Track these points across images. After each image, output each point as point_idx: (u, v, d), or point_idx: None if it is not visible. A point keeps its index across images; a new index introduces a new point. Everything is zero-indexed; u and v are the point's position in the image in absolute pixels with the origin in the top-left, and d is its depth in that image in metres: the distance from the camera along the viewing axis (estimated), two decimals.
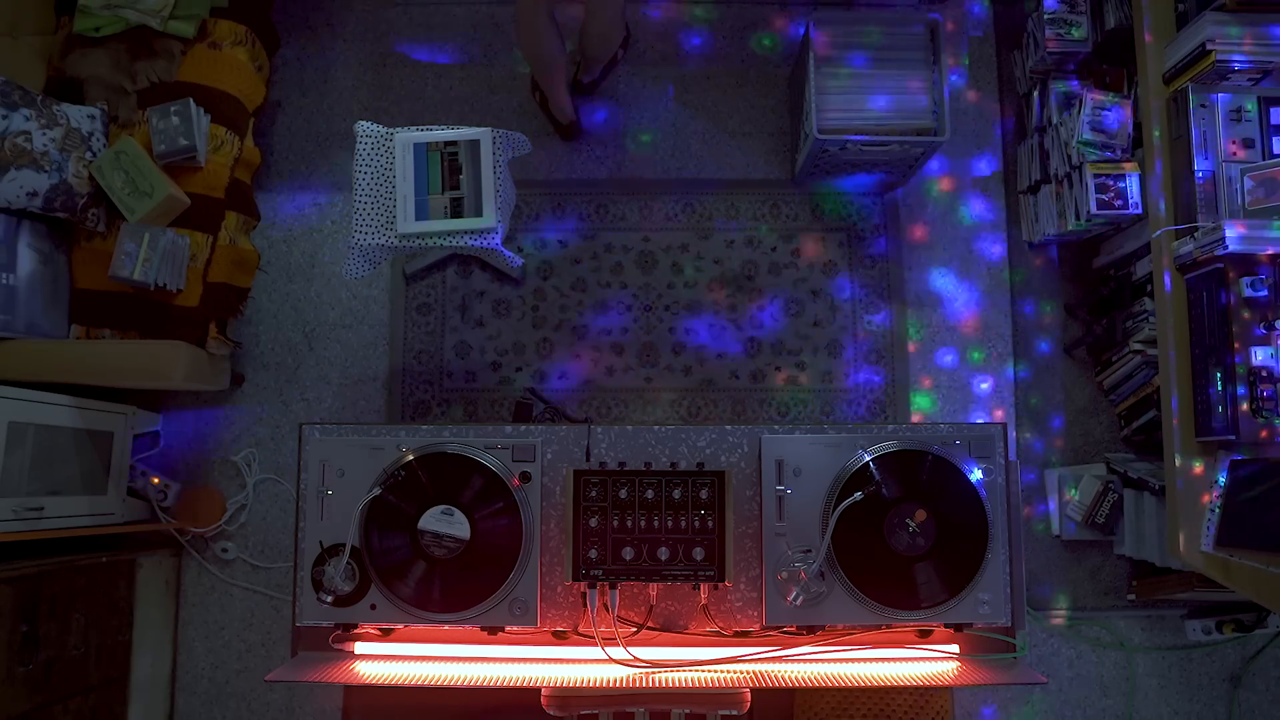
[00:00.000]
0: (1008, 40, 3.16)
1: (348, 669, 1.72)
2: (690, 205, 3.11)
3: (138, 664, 2.67)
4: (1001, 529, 1.75)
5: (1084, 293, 3.04)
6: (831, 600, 1.72)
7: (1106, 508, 2.80)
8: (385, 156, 2.50)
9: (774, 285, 3.06)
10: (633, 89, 3.17)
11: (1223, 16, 2.24)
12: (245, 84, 2.74)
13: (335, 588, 1.71)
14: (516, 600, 1.73)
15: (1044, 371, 3.04)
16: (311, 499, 1.77)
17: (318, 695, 2.87)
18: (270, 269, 3.05)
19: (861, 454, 1.75)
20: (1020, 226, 3.07)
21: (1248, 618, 2.81)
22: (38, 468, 2.36)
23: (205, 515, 2.89)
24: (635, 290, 3.05)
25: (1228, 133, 2.30)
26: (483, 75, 3.17)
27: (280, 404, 2.99)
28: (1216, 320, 2.20)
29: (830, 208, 3.10)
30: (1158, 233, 2.36)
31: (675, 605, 1.80)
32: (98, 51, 2.62)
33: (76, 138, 2.49)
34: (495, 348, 3.02)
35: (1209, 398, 2.20)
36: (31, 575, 2.23)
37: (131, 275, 2.42)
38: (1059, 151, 2.78)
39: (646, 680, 1.68)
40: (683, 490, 1.71)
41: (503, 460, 1.77)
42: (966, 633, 1.79)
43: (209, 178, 2.62)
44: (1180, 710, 2.91)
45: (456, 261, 3.06)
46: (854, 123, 2.77)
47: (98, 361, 2.47)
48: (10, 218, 2.42)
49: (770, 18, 3.21)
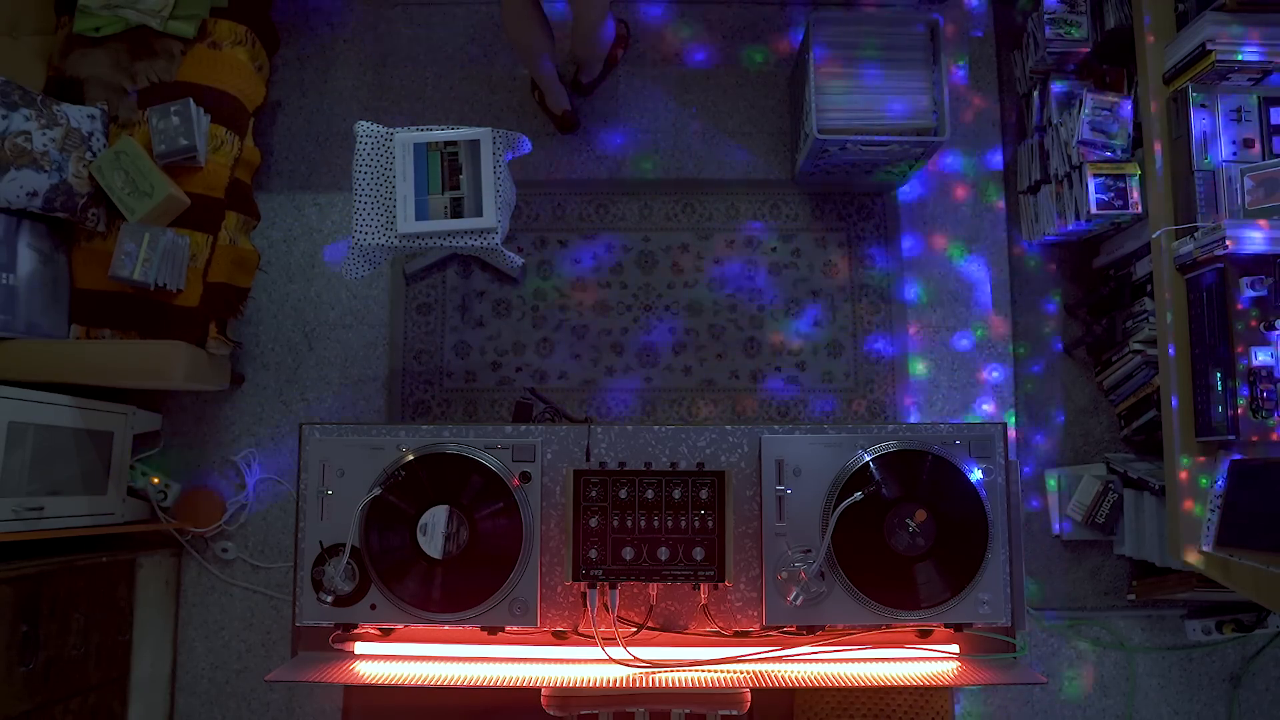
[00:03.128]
0: (1008, 40, 3.16)
1: (348, 669, 1.72)
2: (690, 205, 3.10)
3: (138, 664, 2.67)
4: (1001, 529, 1.75)
5: (1084, 293, 3.04)
6: (831, 600, 1.72)
7: (1106, 508, 2.80)
8: (385, 156, 2.50)
9: (774, 285, 3.06)
10: (633, 89, 3.17)
11: (1223, 16, 2.24)
12: (245, 84, 2.74)
13: (335, 588, 1.71)
14: (516, 600, 1.73)
15: (1044, 371, 3.04)
16: (311, 499, 1.77)
17: (318, 695, 2.87)
18: (270, 269, 3.05)
19: (861, 454, 1.75)
20: (1020, 226, 3.08)
21: (1248, 618, 2.81)
22: (38, 468, 2.36)
23: (205, 515, 2.89)
24: (635, 290, 3.05)
25: (1228, 133, 2.31)
26: (483, 75, 3.17)
27: (280, 404, 2.99)
28: (1216, 320, 2.20)
29: (830, 208, 3.10)
30: (1158, 233, 2.36)
31: (675, 605, 1.80)
32: (98, 51, 2.62)
33: (76, 138, 2.49)
34: (495, 348, 3.02)
35: (1209, 398, 2.20)
36: (31, 575, 2.23)
37: (131, 275, 2.43)
38: (1059, 151, 2.78)
39: (646, 680, 1.68)
40: (683, 490, 1.71)
41: (503, 460, 1.77)
42: (966, 633, 1.79)
43: (209, 178, 2.62)
44: (1180, 710, 2.91)
45: (456, 261, 3.06)
46: (854, 123, 2.77)
47: (98, 361, 2.47)
48: (10, 218, 2.42)
49: (770, 18, 3.21)
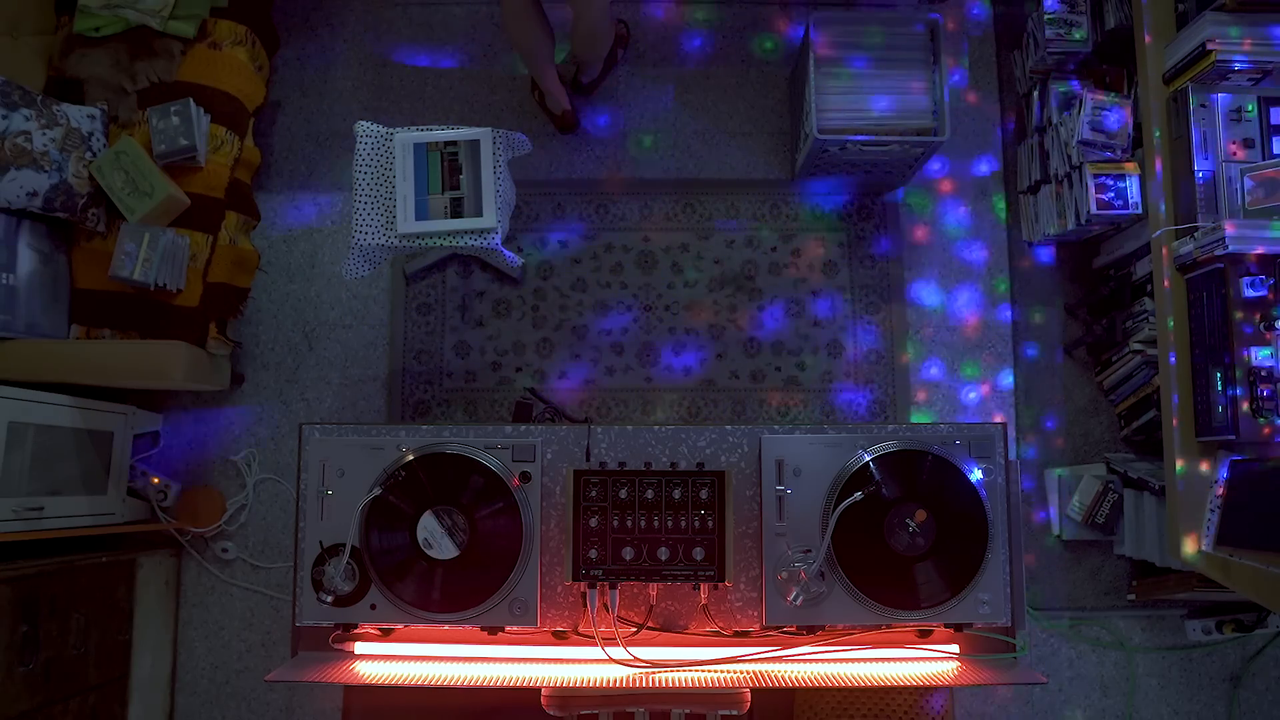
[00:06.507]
0: (1008, 40, 3.16)
1: (348, 669, 1.72)
2: (690, 205, 3.10)
3: (138, 664, 2.67)
4: (1001, 529, 1.75)
5: (1084, 293, 3.04)
6: (831, 600, 1.72)
7: (1106, 508, 2.79)
8: (385, 156, 2.50)
9: (774, 285, 3.06)
10: (633, 89, 3.17)
11: (1223, 16, 2.24)
12: (245, 84, 2.74)
13: (335, 588, 1.71)
14: (516, 600, 1.73)
15: (1044, 371, 3.04)
16: (311, 499, 1.77)
17: (318, 695, 2.87)
18: (270, 269, 3.05)
19: (861, 454, 1.75)
20: (1020, 226, 3.08)
21: (1248, 618, 2.81)
22: (38, 468, 2.36)
23: (205, 515, 2.89)
24: (635, 290, 3.05)
25: (1228, 133, 2.30)
26: (483, 75, 3.17)
27: (280, 404, 2.99)
28: (1216, 320, 2.20)
29: (830, 208, 3.10)
30: (1158, 233, 2.36)
31: (675, 605, 1.80)
32: (98, 51, 2.62)
33: (76, 138, 2.49)
34: (495, 348, 3.02)
35: (1209, 398, 2.20)
36: (31, 575, 2.23)
37: (131, 275, 2.42)
38: (1059, 151, 2.78)
39: (646, 680, 1.68)
40: (683, 490, 1.71)
41: (503, 460, 1.77)
42: (966, 633, 1.79)
43: (209, 178, 2.62)
44: (1180, 710, 2.91)
45: (456, 261, 3.06)
46: (854, 123, 2.77)
47: (98, 361, 2.47)
48: (10, 218, 2.42)
49: (770, 18, 3.21)
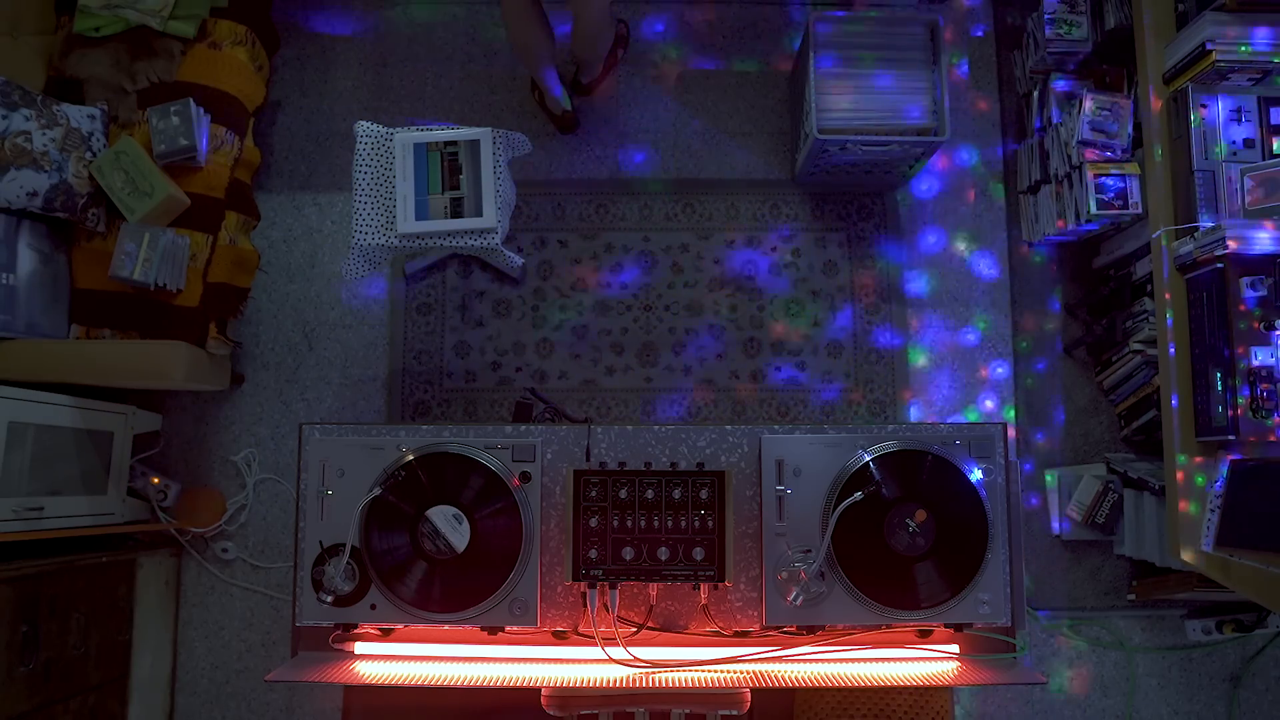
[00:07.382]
0: (1008, 40, 3.16)
1: (348, 669, 1.72)
2: (690, 205, 3.10)
3: (138, 664, 2.67)
4: (1001, 529, 1.75)
5: (1084, 293, 3.04)
6: (831, 600, 1.72)
7: (1106, 508, 2.79)
8: (385, 156, 2.50)
9: (774, 285, 3.06)
10: (633, 89, 3.17)
11: (1223, 16, 2.24)
12: (245, 84, 2.74)
13: (335, 588, 1.71)
14: (516, 600, 1.73)
15: (1044, 371, 3.04)
16: (311, 499, 1.77)
17: (318, 695, 2.87)
18: (270, 269, 3.05)
19: (861, 454, 1.75)
20: (1020, 226, 3.08)
21: (1248, 618, 2.81)
22: (38, 468, 2.36)
23: (205, 515, 2.89)
24: (635, 290, 3.05)
25: (1228, 133, 2.30)
26: (483, 75, 3.17)
27: (280, 404, 2.99)
28: (1216, 320, 2.20)
29: (830, 208, 3.10)
30: (1158, 233, 2.36)
31: (675, 605, 1.80)
32: (98, 51, 2.62)
33: (76, 138, 2.49)
34: (495, 348, 3.02)
35: (1209, 398, 2.20)
36: (31, 575, 2.23)
37: (131, 275, 2.43)
38: (1059, 151, 2.78)
39: (646, 680, 1.68)
40: (683, 490, 1.71)
41: (503, 460, 1.77)
42: (966, 633, 1.79)
43: (209, 178, 2.62)
44: (1180, 710, 2.91)
45: (456, 261, 3.06)
46: (854, 123, 2.77)
47: (98, 361, 2.47)
48: (10, 218, 2.42)
49: (770, 18, 3.21)
